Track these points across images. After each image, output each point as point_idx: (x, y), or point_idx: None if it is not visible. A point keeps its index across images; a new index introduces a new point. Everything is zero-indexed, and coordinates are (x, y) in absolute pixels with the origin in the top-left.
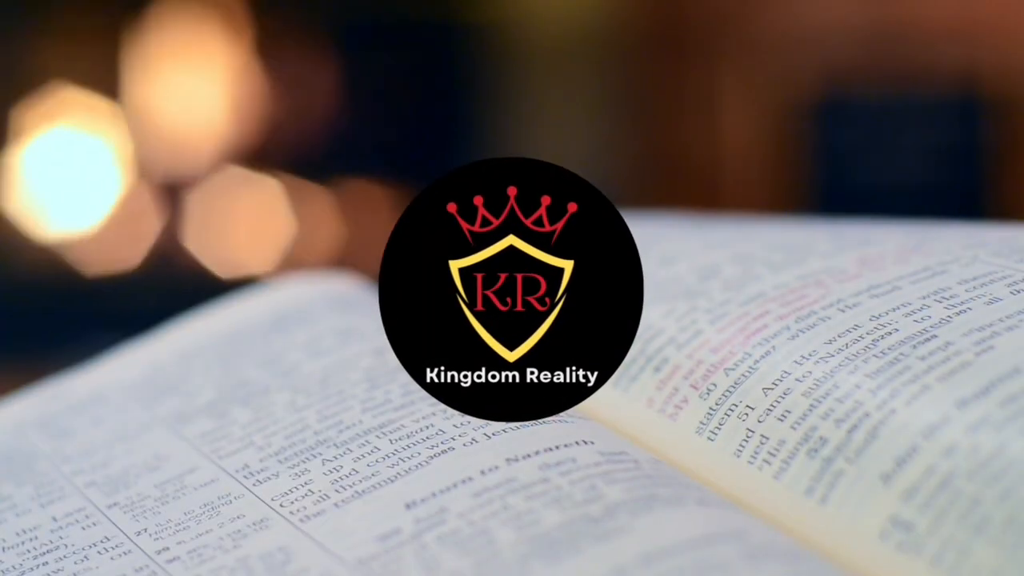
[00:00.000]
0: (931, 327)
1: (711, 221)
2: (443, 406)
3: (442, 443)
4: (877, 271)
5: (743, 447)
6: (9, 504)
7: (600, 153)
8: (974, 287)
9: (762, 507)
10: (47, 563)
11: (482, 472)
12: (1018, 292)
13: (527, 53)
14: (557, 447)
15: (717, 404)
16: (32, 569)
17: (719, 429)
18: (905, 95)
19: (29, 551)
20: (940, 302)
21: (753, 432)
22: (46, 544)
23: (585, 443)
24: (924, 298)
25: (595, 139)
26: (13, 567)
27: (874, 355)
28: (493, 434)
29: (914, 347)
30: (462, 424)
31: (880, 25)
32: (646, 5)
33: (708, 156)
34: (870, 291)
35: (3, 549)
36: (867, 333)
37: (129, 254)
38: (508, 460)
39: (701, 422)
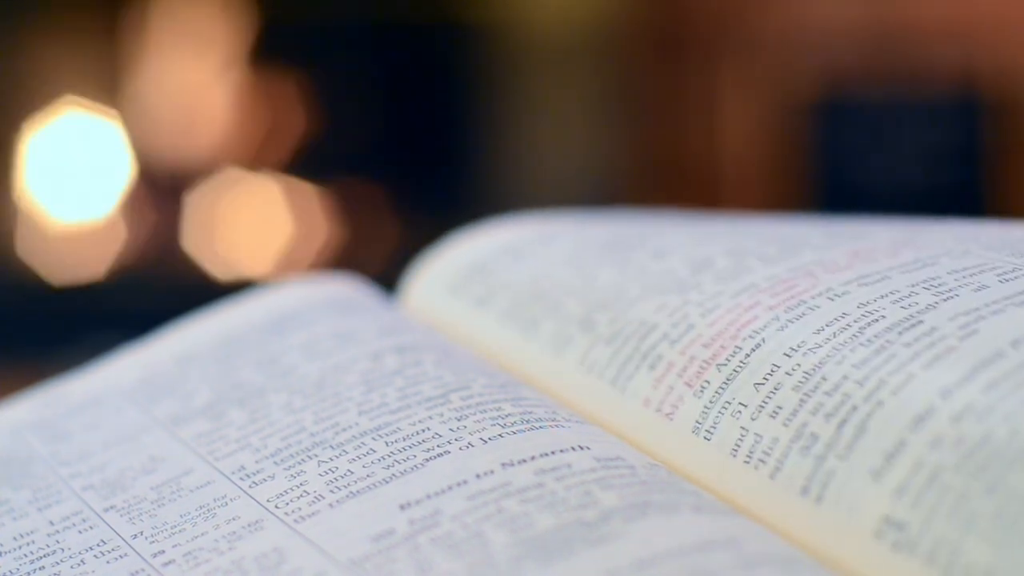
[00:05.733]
0: (917, 313)
1: (706, 218)
2: (439, 410)
3: (438, 446)
4: (868, 262)
5: (738, 446)
6: (7, 508)
7: (600, 153)
8: (963, 276)
9: (761, 509)
10: (44, 567)
11: (477, 475)
12: (1006, 280)
13: (527, 53)
14: (553, 452)
15: (711, 402)
16: (29, 573)
17: (715, 428)
18: (905, 95)
19: (26, 555)
20: (928, 289)
21: (747, 431)
22: (43, 548)
23: (581, 448)
24: (913, 286)
25: (595, 139)
26: (10, 571)
27: (861, 343)
28: (489, 439)
29: (900, 334)
30: (458, 428)
31: (880, 25)
32: (646, 5)
33: (708, 156)
34: (859, 280)
35: (0, 553)
36: (854, 321)
37: (127, 256)
38: (504, 464)
39: (697, 421)
